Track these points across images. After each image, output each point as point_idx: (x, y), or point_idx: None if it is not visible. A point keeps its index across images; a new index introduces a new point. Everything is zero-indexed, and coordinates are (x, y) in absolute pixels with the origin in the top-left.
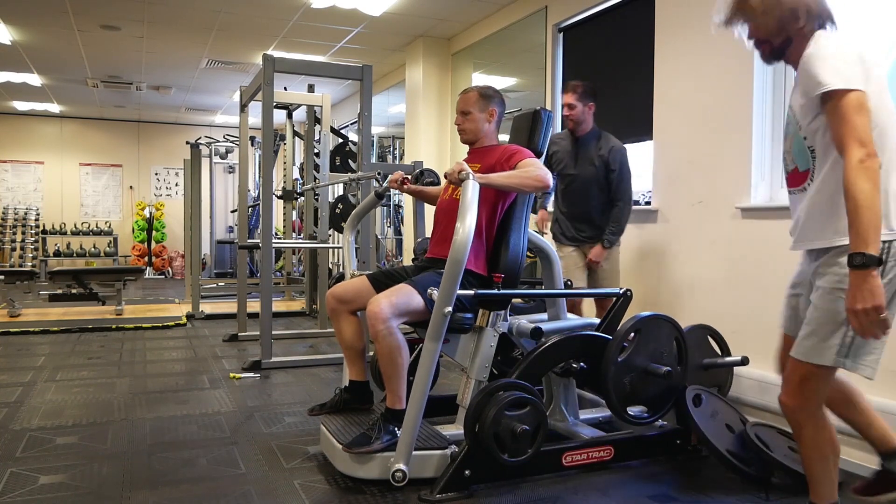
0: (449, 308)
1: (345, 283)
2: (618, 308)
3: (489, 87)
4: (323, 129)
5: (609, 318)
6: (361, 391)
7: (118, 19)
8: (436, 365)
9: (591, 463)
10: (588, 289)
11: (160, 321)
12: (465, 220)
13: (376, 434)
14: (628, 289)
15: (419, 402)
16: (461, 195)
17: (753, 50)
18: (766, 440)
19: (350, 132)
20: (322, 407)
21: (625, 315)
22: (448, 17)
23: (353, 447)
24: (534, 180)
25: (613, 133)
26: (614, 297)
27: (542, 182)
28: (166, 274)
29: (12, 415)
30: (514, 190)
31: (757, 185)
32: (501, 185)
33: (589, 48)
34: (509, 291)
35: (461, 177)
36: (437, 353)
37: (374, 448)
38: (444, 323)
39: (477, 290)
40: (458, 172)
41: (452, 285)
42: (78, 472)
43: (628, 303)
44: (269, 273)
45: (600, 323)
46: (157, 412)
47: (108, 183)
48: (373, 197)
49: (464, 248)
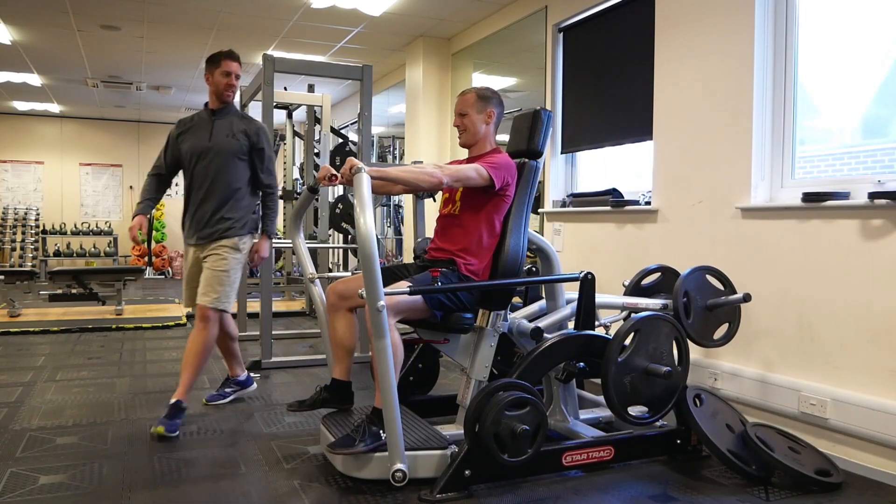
0: (381, 303)
1: (346, 280)
2: (585, 294)
3: (487, 88)
4: (323, 129)
5: (582, 306)
6: (342, 391)
7: (118, 19)
8: (402, 360)
9: (591, 463)
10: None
11: (160, 321)
12: (364, 213)
13: (360, 436)
14: (589, 272)
15: (391, 399)
16: (355, 189)
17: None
18: (766, 440)
19: (350, 132)
20: (301, 404)
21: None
22: (448, 17)
23: (337, 448)
24: (427, 175)
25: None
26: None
27: (434, 178)
28: (166, 274)
29: (12, 415)
30: (405, 184)
31: (757, 186)
32: (395, 177)
33: (589, 48)
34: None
35: (353, 172)
36: (389, 350)
37: (358, 450)
38: (381, 319)
39: (412, 288)
40: (349, 169)
41: (373, 281)
42: (78, 472)
43: (592, 285)
44: (269, 273)
45: (576, 315)
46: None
47: (108, 183)
48: (307, 192)
49: (368, 242)
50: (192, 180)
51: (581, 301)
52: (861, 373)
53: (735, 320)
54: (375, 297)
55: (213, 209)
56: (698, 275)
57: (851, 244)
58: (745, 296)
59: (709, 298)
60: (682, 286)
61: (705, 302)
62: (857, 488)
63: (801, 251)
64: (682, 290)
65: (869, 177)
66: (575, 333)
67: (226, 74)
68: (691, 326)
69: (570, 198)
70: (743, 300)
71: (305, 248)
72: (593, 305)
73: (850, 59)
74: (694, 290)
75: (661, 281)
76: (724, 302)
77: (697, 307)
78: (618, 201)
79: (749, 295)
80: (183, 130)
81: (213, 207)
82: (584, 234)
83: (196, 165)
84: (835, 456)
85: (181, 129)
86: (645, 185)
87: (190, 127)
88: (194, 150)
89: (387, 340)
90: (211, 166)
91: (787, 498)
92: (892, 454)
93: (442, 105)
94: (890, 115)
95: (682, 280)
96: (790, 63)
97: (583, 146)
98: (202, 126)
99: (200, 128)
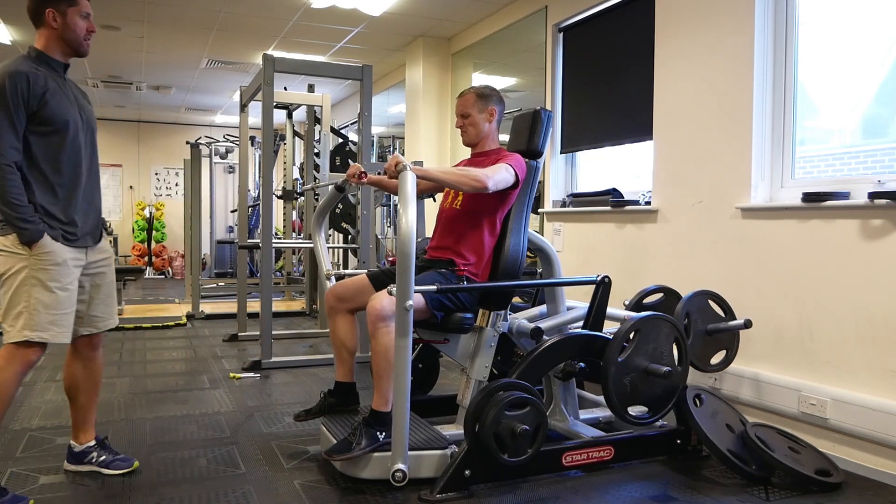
0: (410, 302)
1: (345, 282)
2: (600, 297)
3: (486, 86)
4: (323, 128)
5: (594, 308)
6: (347, 393)
7: (118, 19)
8: (411, 361)
9: (591, 463)
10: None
11: (160, 321)
12: (406, 211)
13: (357, 439)
14: (606, 275)
15: (403, 399)
16: (399, 187)
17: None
18: (766, 440)
19: (350, 132)
20: (308, 412)
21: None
22: (448, 17)
23: (334, 454)
24: (472, 179)
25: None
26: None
27: (480, 182)
28: (166, 274)
29: (12, 415)
30: (449, 186)
31: (757, 185)
32: (438, 178)
33: (589, 48)
34: (489, 284)
35: (398, 169)
36: (409, 349)
37: (355, 454)
38: (407, 318)
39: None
40: (394, 165)
41: (406, 279)
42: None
43: (608, 289)
44: (269, 273)
45: (586, 316)
46: (158, 412)
47: (108, 183)
48: (333, 191)
49: (409, 240)
50: (73, 156)
51: (594, 303)
52: (861, 373)
53: (733, 347)
54: (406, 295)
55: (99, 201)
56: (701, 298)
57: (851, 244)
58: (747, 322)
59: (709, 323)
60: (685, 308)
61: (705, 326)
62: (857, 488)
63: (801, 251)
64: (683, 312)
65: (869, 177)
66: (575, 333)
67: (86, 16)
68: (690, 349)
69: (570, 198)
70: (744, 326)
71: (325, 246)
72: (605, 308)
73: (850, 59)
74: (695, 312)
75: (662, 302)
76: (724, 327)
77: (698, 330)
78: (618, 201)
79: (750, 321)
80: (46, 88)
81: (98, 198)
82: (584, 234)
83: (77, 139)
84: (835, 456)
85: (43, 87)
86: (645, 185)
87: (47, 83)
88: (71, 115)
89: (408, 339)
90: (88, 144)
91: (787, 498)
92: (893, 454)
93: (442, 105)
94: (890, 115)
95: (684, 302)
96: (790, 63)
97: (583, 146)
98: (62, 86)
99: (61, 88)
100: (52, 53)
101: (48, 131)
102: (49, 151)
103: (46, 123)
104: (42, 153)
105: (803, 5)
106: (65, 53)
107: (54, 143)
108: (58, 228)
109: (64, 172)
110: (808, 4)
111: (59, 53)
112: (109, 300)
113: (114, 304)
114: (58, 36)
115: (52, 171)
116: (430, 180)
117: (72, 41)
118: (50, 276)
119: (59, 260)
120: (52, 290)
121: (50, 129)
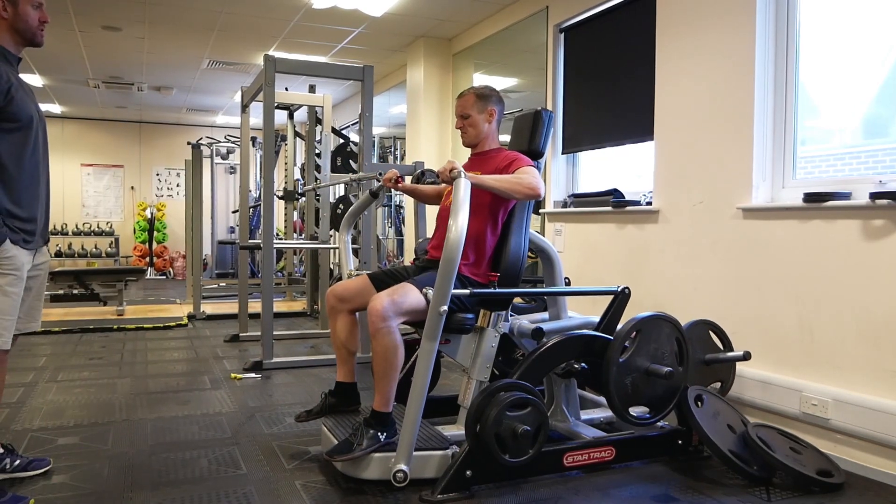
0: (445, 307)
1: (345, 282)
2: (616, 306)
3: (486, 86)
4: (324, 129)
5: (608, 316)
6: (348, 393)
7: (119, 20)
8: (433, 364)
9: (592, 463)
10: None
11: (161, 322)
12: (457, 218)
13: (358, 440)
14: (626, 286)
15: (418, 401)
16: (453, 193)
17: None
18: (767, 441)
19: (351, 133)
20: (309, 413)
21: (624, 313)
22: (449, 17)
23: (335, 454)
24: (526, 187)
25: (615, 133)
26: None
27: (535, 190)
28: (167, 274)
29: (14, 415)
30: (503, 194)
31: (758, 186)
32: (492, 187)
33: (590, 48)
34: (506, 290)
35: (452, 175)
36: (435, 352)
37: (356, 455)
38: (440, 322)
39: (473, 290)
40: (449, 171)
41: (447, 284)
42: (79, 472)
43: (626, 300)
44: (270, 273)
45: (599, 322)
46: (159, 412)
47: (109, 184)
48: (368, 196)
49: (457, 246)
50: (34, 153)
51: (610, 310)
52: (862, 373)
53: (729, 380)
54: (443, 300)
55: (49, 200)
56: (701, 328)
57: (853, 244)
58: (745, 354)
59: (707, 353)
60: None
61: (703, 356)
62: (858, 489)
63: (802, 251)
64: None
65: (870, 177)
66: (577, 334)
67: (37, 6)
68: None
69: (571, 198)
70: (742, 358)
71: (350, 248)
72: (619, 318)
73: (851, 59)
74: (694, 341)
75: None
76: (722, 358)
77: (696, 360)
78: (619, 202)
79: (749, 353)
80: (11, 83)
81: (49, 197)
82: (585, 234)
83: (38, 135)
84: (836, 456)
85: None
86: (646, 185)
87: (10, 78)
88: (32, 111)
89: (436, 343)
90: (43, 140)
91: (788, 498)
92: (894, 454)
93: (443, 106)
94: (891, 115)
95: (684, 329)
96: (791, 63)
97: (584, 146)
98: (20, 81)
99: (20, 82)
100: (6, 45)
101: (13, 128)
102: (14, 149)
103: (12, 120)
104: (7, 151)
105: (804, 6)
106: (18, 45)
107: (18, 141)
108: (19, 232)
109: (26, 170)
110: (809, 5)
111: (13, 45)
112: (36, 303)
113: (40, 307)
114: (9, 26)
115: (15, 169)
116: (484, 188)
117: (25, 31)
118: (8, 281)
119: (18, 265)
120: (9, 296)
121: (15, 125)
